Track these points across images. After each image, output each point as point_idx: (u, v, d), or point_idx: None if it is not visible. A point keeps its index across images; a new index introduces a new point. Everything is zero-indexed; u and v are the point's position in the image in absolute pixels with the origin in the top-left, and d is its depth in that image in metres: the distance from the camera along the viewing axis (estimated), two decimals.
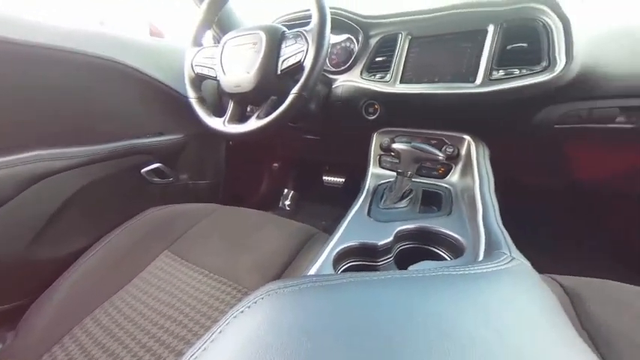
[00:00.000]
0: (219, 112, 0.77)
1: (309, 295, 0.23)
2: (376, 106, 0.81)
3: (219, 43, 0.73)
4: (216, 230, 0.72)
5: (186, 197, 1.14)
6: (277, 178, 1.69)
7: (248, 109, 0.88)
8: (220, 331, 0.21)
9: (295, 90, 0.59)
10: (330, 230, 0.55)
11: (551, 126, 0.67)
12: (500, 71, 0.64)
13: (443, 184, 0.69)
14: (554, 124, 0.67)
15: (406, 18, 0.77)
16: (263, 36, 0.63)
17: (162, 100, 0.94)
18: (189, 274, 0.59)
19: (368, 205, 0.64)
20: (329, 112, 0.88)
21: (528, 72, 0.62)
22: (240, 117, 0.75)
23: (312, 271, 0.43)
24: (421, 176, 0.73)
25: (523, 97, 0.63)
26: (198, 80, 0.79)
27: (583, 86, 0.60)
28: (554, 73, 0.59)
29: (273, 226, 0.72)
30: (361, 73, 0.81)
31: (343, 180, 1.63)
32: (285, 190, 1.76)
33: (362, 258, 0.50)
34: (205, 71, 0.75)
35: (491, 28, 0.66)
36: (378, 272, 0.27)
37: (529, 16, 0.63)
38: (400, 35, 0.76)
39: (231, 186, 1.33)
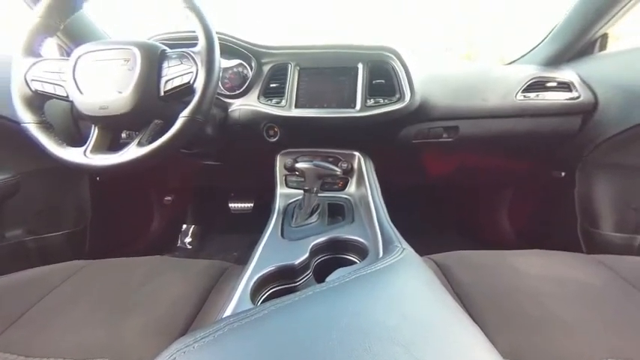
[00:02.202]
0: (74, 140, 0.60)
1: (228, 341, 0.20)
2: (276, 129, 0.84)
3: (68, 55, 0.58)
4: (84, 295, 0.53)
5: (25, 261, 0.80)
6: (172, 214, 1.45)
7: (123, 135, 0.73)
8: None
9: (187, 113, 0.54)
10: (243, 260, 0.51)
11: (410, 141, 0.90)
12: (372, 100, 0.81)
13: (343, 196, 0.78)
14: (412, 140, 0.90)
15: (294, 51, 0.85)
16: (137, 52, 0.55)
17: None
18: None
19: (280, 225, 0.64)
20: (228, 136, 0.85)
21: (389, 101, 0.81)
22: (110, 144, 0.60)
23: (229, 310, 0.38)
24: (325, 191, 0.80)
25: (389, 119, 0.81)
26: (38, 101, 0.60)
27: (423, 112, 0.84)
28: (405, 103, 0.79)
29: (172, 271, 0.60)
30: (258, 98, 0.84)
31: (252, 205, 1.57)
32: (185, 226, 1.52)
33: (281, 282, 0.48)
34: (49, 89, 0.58)
35: (360, 66, 0.83)
36: (298, 292, 0.27)
37: (384, 60, 0.83)
38: (290, 65, 0.84)
39: (105, 232, 1.04)
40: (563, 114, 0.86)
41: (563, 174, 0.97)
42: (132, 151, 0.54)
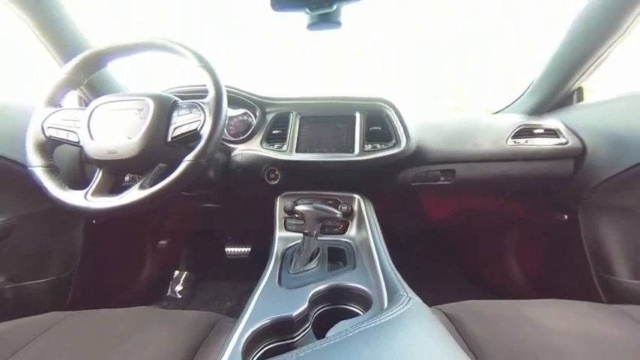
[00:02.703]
0: (77, 184, 0.61)
1: None
2: (276, 172, 0.86)
3: (86, 106, 0.62)
4: (61, 351, 0.48)
5: (2, 310, 0.74)
6: (164, 259, 1.38)
7: (127, 178, 0.75)
8: None
9: (191, 157, 0.56)
10: (237, 311, 0.47)
11: (409, 184, 0.91)
12: (369, 145, 0.85)
13: (344, 239, 0.76)
14: (410, 183, 0.91)
15: (296, 102, 0.92)
16: (151, 102, 0.59)
17: None
18: None
19: (278, 272, 0.60)
20: (230, 179, 0.86)
21: (385, 146, 0.84)
22: (112, 188, 0.61)
23: None
24: (325, 234, 0.78)
25: (386, 163, 0.83)
26: (50, 145, 0.62)
27: (420, 156, 0.87)
28: (401, 148, 0.82)
29: (158, 324, 0.55)
30: (261, 143, 0.88)
31: (249, 249, 1.51)
32: (176, 273, 1.44)
33: (277, 337, 0.44)
34: (63, 135, 0.61)
35: (357, 115, 0.88)
36: (296, 350, 0.25)
37: (379, 110, 0.89)
38: (292, 114, 0.90)
39: (92, 280, 0.98)
40: (554, 158, 0.89)
41: (565, 217, 0.96)
42: (133, 194, 0.55)
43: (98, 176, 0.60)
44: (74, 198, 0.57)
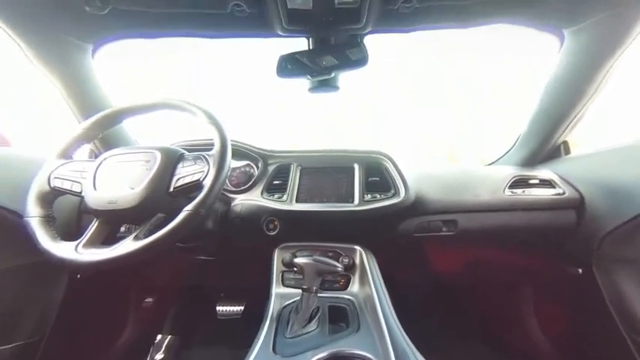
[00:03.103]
0: (71, 235, 0.59)
1: None
2: (276, 223, 0.85)
3: (96, 158, 0.65)
4: None
5: None
6: (148, 319, 1.25)
7: (122, 229, 0.73)
8: None
9: (191, 207, 0.55)
10: None
11: (411, 235, 0.89)
12: (369, 195, 0.86)
13: (346, 296, 0.70)
14: (413, 234, 0.89)
15: (297, 154, 0.97)
16: (158, 154, 0.62)
17: None
18: None
19: (273, 336, 0.54)
20: (227, 230, 0.84)
21: (385, 196, 0.85)
22: (106, 239, 0.59)
23: None
24: (325, 290, 0.72)
25: (387, 213, 0.83)
26: (52, 196, 0.63)
27: (420, 206, 0.87)
28: (401, 198, 0.83)
29: None
30: (262, 193, 0.89)
31: (242, 308, 1.38)
32: (159, 337, 1.28)
33: None
34: (67, 185, 0.62)
35: (356, 166, 0.91)
36: None
37: (377, 161, 0.93)
38: (293, 165, 0.93)
39: (63, 345, 0.87)
40: (554, 208, 0.89)
41: (580, 271, 0.91)
42: (126, 245, 0.53)
43: (93, 227, 0.58)
44: (64, 250, 0.54)
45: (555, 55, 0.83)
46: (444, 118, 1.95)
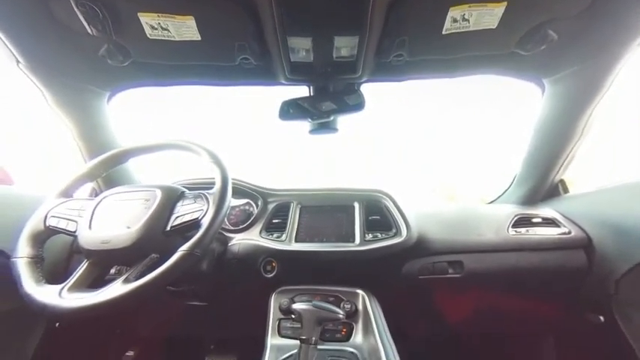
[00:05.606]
0: (57, 277, 0.56)
1: None
2: (274, 264, 0.81)
3: (96, 196, 0.65)
4: None
5: None
6: None
7: (112, 271, 0.69)
8: None
9: (186, 247, 0.53)
10: None
11: (416, 277, 0.84)
12: (370, 234, 0.83)
13: (349, 349, 0.64)
14: (417, 276, 0.85)
15: (297, 192, 0.97)
16: (159, 193, 0.62)
17: None
18: None
19: None
20: (222, 272, 0.80)
21: (386, 236, 0.83)
22: (93, 282, 0.56)
23: None
24: (325, 341, 0.66)
25: (389, 253, 0.80)
26: (45, 235, 0.61)
27: (423, 246, 0.84)
28: (403, 237, 0.81)
29: None
30: (260, 232, 0.87)
31: None
32: None
33: None
34: (62, 224, 0.60)
35: (356, 205, 0.91)
36: None
37: (377, 200, 0.92)
38: (292, 204, 0.92)
39: None
40: (561, 248, 0.86)
41: (602, 318, 0.84)
42: (114, 289, 0.49)
43: (82, 268, 0.56)
44: (46, 294, 0.51)
45: (539, 101, 0.89)
46: (440, 159, 2.01)
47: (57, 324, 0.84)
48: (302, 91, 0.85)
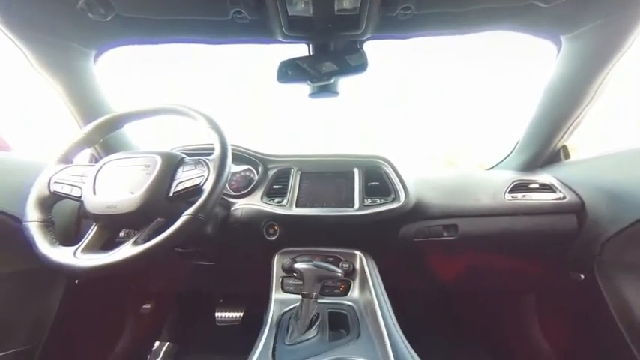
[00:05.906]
0: (70, 240, 0.59)
1: None
2: (276, 227, 0.85)
3: (96, 162, 0.65)
4: None
5: None
6: (146, 326, 1.24)
7: (121, 234, 0.73)
8: None
9: (190, 212, 0.55)
10: None
11: (411, 239, 0.88)
12: (369, 200, 0.85)
13: (346, 302, 0.70)
14: (413, 238, 0.89)
15: (297, 158, 0.97)
16: (158, 159, 0.62)
17: None
18: None
19: (272, 342, 0.53)
20: (227, 235, 0.84)
21: (385, 201, 0.85)
22: (105, 244, 0.59)
23: None
24: (325, 296, 0.72)
25: (387, 217, 0.82)
26: (52, 201, 0.62)
27: (420, 211, 0.87)
28: (401, 202, 0.83)
29: None
30: (262, 198, 0.89)
31: (241, 314, 1.37)
32: (157, 344, 1.27)
33: None
34: (66, 190, 0.62)
35: (356, 171, 0.91)
36: None
37: (376, 166, 0.93)
38: (292, 170, 0.93)
39: (61, 351, 0.86)
40: (555, 213, 0.88)
41: (582, 276, 0.91)
42: (125, 251, 0.52)
43: (92, 231, 0.58)
44: (62, 255, 0.54)
45: (553, 61, 0.84)
46: (441, 122, 1.96)
47: (76, 281, 0.91)
48: (301, 50, 0.80)
